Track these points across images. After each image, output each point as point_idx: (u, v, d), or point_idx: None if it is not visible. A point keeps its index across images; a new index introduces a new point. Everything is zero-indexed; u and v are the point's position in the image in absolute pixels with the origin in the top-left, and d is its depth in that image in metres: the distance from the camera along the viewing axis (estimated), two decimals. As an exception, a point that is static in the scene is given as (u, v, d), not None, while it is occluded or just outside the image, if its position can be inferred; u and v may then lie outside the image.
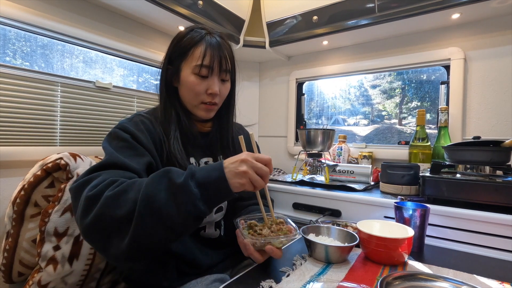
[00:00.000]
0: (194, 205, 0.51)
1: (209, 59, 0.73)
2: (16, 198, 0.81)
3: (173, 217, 0.50)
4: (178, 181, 0.52)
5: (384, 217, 0.99)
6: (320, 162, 1.46)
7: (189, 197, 0.51)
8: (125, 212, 0.50)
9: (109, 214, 0.50)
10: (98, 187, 0.53)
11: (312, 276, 0.58)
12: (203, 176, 0.53)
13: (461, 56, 1.28)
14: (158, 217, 0.50)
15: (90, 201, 0.52)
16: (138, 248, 0.51)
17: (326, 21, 1.42)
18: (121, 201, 0.51)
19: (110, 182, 0.54)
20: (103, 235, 0.52)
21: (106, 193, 0.52)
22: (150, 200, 0.50)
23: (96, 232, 0.52)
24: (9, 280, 0.84)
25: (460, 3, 1.11)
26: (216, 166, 0.55)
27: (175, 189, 0.51)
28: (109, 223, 0.51)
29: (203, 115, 0.79)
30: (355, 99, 1.76)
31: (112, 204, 0.51)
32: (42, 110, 1.04)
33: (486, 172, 0.97)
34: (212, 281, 0.71)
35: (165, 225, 0.50)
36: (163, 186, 0.52)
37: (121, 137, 0.66)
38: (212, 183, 0.53)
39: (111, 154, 0.62)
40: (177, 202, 0.51)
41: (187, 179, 0.52)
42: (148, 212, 0.50)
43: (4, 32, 0.98)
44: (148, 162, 0.66)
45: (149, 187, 0.51)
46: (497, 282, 0.57)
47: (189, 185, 0.51)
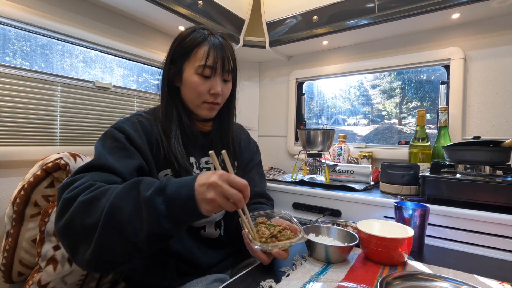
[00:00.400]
0: (158, 222, 0.47)
1: (212, 59, 0.73)
2: (16, 198, 0.81)
3: (136, 232, 0.48)
4: (145, 194, 0.49)
5: (384, 217, 0.99)
6: (320, 162, 1.46)
7: (153, 213, 0.47)
8: (93, 221, 0.49)
9: (79, 221, 0.50)
10: (75, 190, 0.52)
11: (312, 276, 0.58)
12: (173, 192, 0.49)
13: (461, 56, 1.28)
14: (120, 231, 0.48)
15: (66, 204, 0.51)
16: (101, 260, 0.49)
17: (326, 21, 1.42)
18: (92, 209, 0.50)
19: (88, 185, 0.53)
20: (72, 240, 0.51)
21: (80, 197, 0.51)
22: (115, 212, 0.48)
23: (66, 236, 0.51)
24: (9, 280, 0.84)
25: (460, 3, 1.11)
26: (188, 182, 0.51)
27: (141, 203, 0.48)
28: (78, 230, 0.50)
29: (205, 115, 0.79)
30: (355, 99, 1.76)
31: (83, 211, 0.50)
32: (42, 110, 1.04)
33: (486, 172, 0.97)
34: (212, 281, 0.71)
35: (127, 239, 0.48)
36: (131, 197, 0.49)
37: (114, 137, 0.67)
38: (181, 201, 0.49)
39: (99, 155, 0.62)
40: (141, 218, 0.48)
41: (155, 193, 0.49)
42: (111, 224, 0.48)
43: (4, 32, 0.98)
44: (139, 165, 0.66)
45: (117, 198, 0.49)
46: (497, 282, 0.57)
47: (155, 201, 0.48)
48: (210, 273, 0.76)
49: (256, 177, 0.93)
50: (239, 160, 0.91)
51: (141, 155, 0.68)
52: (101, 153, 0.63)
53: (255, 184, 0.90)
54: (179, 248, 0.73)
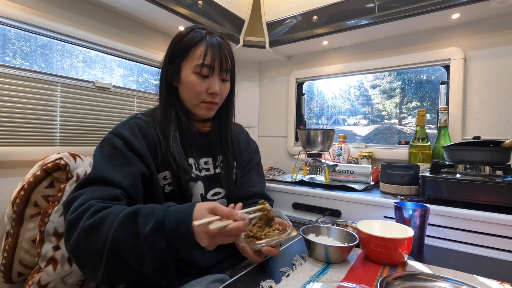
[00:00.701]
0: (159, 257, 0.50)
1: (210, 58, 0.73)
2: (16, 198, 0.81)
3: (140, 265, 0.51)
4: (143, 231, 0.50)
5: (384, 217, 0.99)
6: (320, 162, 1.46)
7: (153, 250, 0.50)
8: (96, 249, 0.52)
9: (83, 247, 0.54)
10: (77, 210, 0.56)
11: (312, 276, 0.58)
12: (171, 229, 0.51)
13: (461, 56, 1.28)
14: (125, 264, 0.52)
15: (70, 225, 0.55)
16: (111, 280, 0.54)
17: (326, 21, 1.42)
18: (94, 236, 0.53)
19: (87, 206, 0.56)
20: (80, 261, 0.55)
21: (82, 222, 0.54)
22: (116, 247, 0.51)
23: (75, 257, 0.56)
24: (8, 280, 0.84)
25: (460, 3, 1.11)
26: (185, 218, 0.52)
27: (140, 239, 0.50)
28: (83, 254, 0.54)
29: (204, 114, 0.79)
30: (355, 99, 1.76)
31: (86, 239, 0.53)
32: (42, 110, 1.04)
33: (486, 172, 0.97)
34: (212, 281, 0.71)
35: (131, 271, 0.53)
36: (130, 232, 0.51)
37: (112, 144, 0.67)
38: (179, 236, 0.51)
39: (97, 167, 0.64)
40: (142, 253, 0.50)
41: (153, 230, 0.50)
42: (115, 258, 0.51)
43: (4, 32, 0.98)
44: (138, 172, 0.66)
45: (117, 231, 0.51)
46: (497, 282, 0.57)
47: (154, 239, 0.50)
48: (210, 273, 0.76)
49: (255, 177, 0.93)
50: (238, 160, 0.90)
51: (141, 160, 0.68)
52: (99, 164, 0.64)
53: (254, 184, 0.90)
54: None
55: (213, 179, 0.82)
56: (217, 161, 0.85)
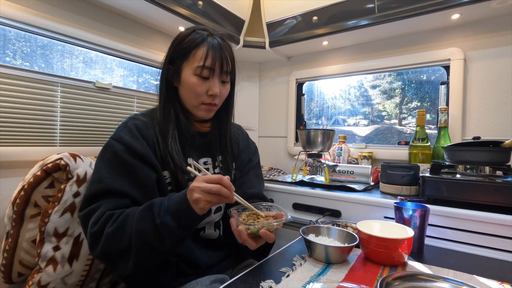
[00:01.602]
0: (173, 235, 0.61)
1: (210, 60, 0.73)
2: (16, 199, 0.81)
3: (161, 245, 0.61)
4: (158, 220, 0.60)
5: (384, 217, 0.99)
6: (320, 163, 1.46)
7: (168, 231, 0.60)
8: (125, 245, 0.61)
9: (113, 248, 0.61)
10: (98, 223, 0.63)
11: (312, 276, 0.58)
12: (175, 209, 0.61)
13: (460, 57, 1.28)
14: (150, 247, 0.61)
15: (94, 237, 0.62)
16: (142, 267, 0.63)
17: (326, 22, 1.42)
18: (120, 236, 0.61)
19: (108, 217, 0.63)
20: (111, 261, 0.64)
21: (106, 230, 0.62)
22: (140, 236, 0.60)
23: (106, 261, 0.65)
24: (9, 281, 0.84)
25: (460, 3, 1.11)
26: (183, 198, 0.61)
27: (157, 226, 0.60)
28: (113, 254, 0.62)
29: (203, 115, 0.79)
30: (355, 99, 1.76)
31: (113, 240, 0.61)
32: (42, 111, 1.04)
33: (486, 172, 0.97)
34: (212, 282, 0.71)
35: (157, 252, 0.61)
36: (149, 222, 0.61)
37: (115, 152, 0.68)
38: (183, 213, 0.61)
39: (102, 179, 0.66)
40: (161, 236, 0.60)
41: (164, 215, 0.61)
42: (141, 245, 0.60)
43: (4, 33, 0.98)
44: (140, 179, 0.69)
45: (139, 224, 0.61)
46: (497, 283, 0.57)
47: (166, 222, 0.60)
48: (210, 273, 0.76)
49: (253, 178, 0.93)
50: (237, 161, 0.90)
51: (146, 163, 0.70)
52: (104, 176, 0.67)
53: (252, 185, 0.90)
54: (179, 249, 0.73)
55: None
56: (217, 161, 0.85)
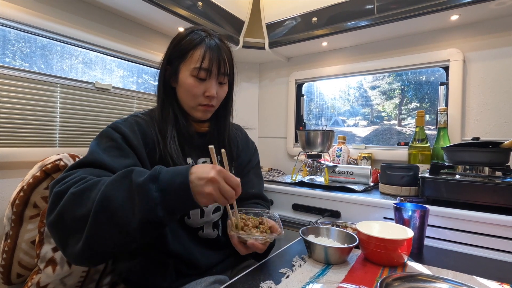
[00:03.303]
0: (151, 210, 0.47)
1: (208, 62, 0.73)
2: (15, 199, 0.81)
3: (129, 220, 0.47)
4: (138, 180, 0.48)
5: (384, 218, 0.99)
6: (320, 163, 1.46)
7: (147, 200, 0.47)
8: (84, 212, 0.48)
9: (70, 213, 0.49)
10: (67, 183, 0.52)
11: (312, 277, 0.58)
12: (166, 180, 0.49)
13: (460, 58, 1.29)
14: (112, 219, 0.47)
15: (56, 197, 0.51)
16: (92, 250, 0.49)
17: (325, 23, 1.42)
18: (83, 200, 0.49)
19: (80, 178, 0.53)
20: (62, 233, 0.51)
21: (71, 189, 0.50)
22: (107, 200, 0.48)
23: (57, 229, 0.51)
24: (7, 282, 0.84)
25: (459, 4, 1.11)
26: (182, 171, 0.51)
27: (133, 190, 0.48)
28: (68, 221, 0.49)
29: (200, 116, 0.79)
30: (355, 100, 1.76)
31: (74, 203, 0.49)
32: (41, 111, 1.04)
33: (485, 173, 0.97)
34: (211, 282, 0.71)
35: (119, 228, 0.48)
36: (124, 186, 0.49)
37: (110, 137, 0.67)
38: (174, 190, 0.49)
39: (92, 153, 0.62)
40: (134, 205, 0.48)
41: (148, 180, 0.48)
42: (103, 212, 0.47)
43: (4, 33, 0.98)
44: (133, 165, 0.65)
45: (109, 186, 0.49)
46: (497, 283, 0.57)
47: (148, 188, 0.48)
48: (210, 274, 0.76)
49: (253, 178, 0.93)
50: (237, 162, 0.90)
51: (137, 156, 0.68)
52: (94, 151, 0.63)
53: (252, 186, 0.90)
54: (178, 249, 0.73)
55: None
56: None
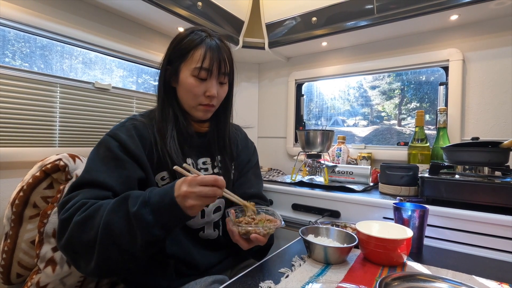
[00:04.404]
0: (148, 232, 0.53)
1: (208, 62, 0.73)
2: (15, 199, 0.81)
3: (131, 244, 0.54)
4: (132, 210, 0.54)
5: (383, 218, 0.99)
6: (319, 163, 1.46)
7: (143, 225, 0.53)
8: (90, 238, 0.54)
9: (77, 239, 0.55)
10: (70, 210, 0.57)
11: (311, 277, 0.58)
12: (156, 202, 0.55)
13: (459, 57, 1.29)
14: (117, 245, 0.54)
15: (63, 224, 0.57)
16: (105, 269, 0.55)
17: (325, 22, 1.42)
18: (87, 227, 0.55)
19: (81, 205, 0.58)
20: (73, 256, 0.57)
21: (75, 217, 0.56)
22: (109, 229, 0.53)
23: (68, 253, 0.58)
24: (7, 282, 0.84)
25: (458, 4, 1.11)
26: (168, 191, 0.56)
27: (130, 218, 0.54)
28: (77, 247, 0.56)
29: (200, 116, 0.79)
30: (354, 100, 1.77)
31: (79, 230, 0.55)
32: (41, 111, 1.04)
33: (484, 173, 0.97)
34: (211, 282, 0.71)
35: (124, 251, 0.54)
36: (121, 214, 0.55)
37: (108, 146, 0.68)
38: (166, 209, 0.55)
39: (89, 170, 0.65)
40: (133, 231, 0.53)
41: (141, 206, 0.54)
42: (107, 240, 0.53)
43: (4, 33, 0.98)
44: (133, 175, 0.67)
45: (109, 215, 0.54)
46: (496, 283, 0.57)
47: (142, 213, 0.53)
48: (209, 274, 0.76)
49: (252, 178, 0.93)
50: (236, 162, 0.91)
51: (137, 162, 0.69)
52: (92, 167, 0.65)
53: (251, 186, 0.90)
54: (178, 250, 0.73)
55: None
56: (216, 161, 0.85)
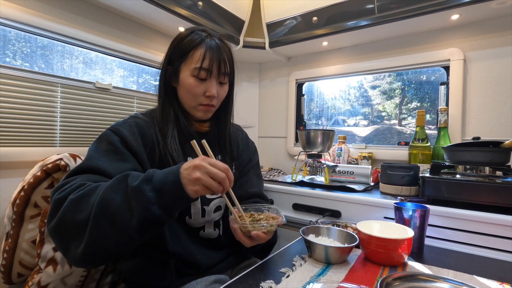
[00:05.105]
0: (147, 209, 0.50)
1: (208, 62, 0.73)
2: (16, 199, 0.81)
3: (127, 221, 0.50)
4: (133, 184, 0.51)
5: (384, 218, 0.99)
6: (320, 163, 1.46)
7: (142, 201, 0.50)
8: (84, 217, 0.51)
9: (70, 218, 0.51)
10: (66, 190, 0.54)
11: (312, 277, 0.58)
12: (160, 180, 0.52)
13: (460, 57, 1.28)
14: (112, 222, 0.50)
15: (56, 204, 0.54)
16: (93, 253, 0.51)
17: (325, 22, 1.42)
18: (82, 206, 0.51)
19: (78, 185, 0.55)
20: (63, 238, 0.53)
21: (70, 196, 0.53)
22: (105, 204, 0.50)
23: (58, 235, 0.53)
24: (8, 281, 0.84)
25: (459, 4, 1.11)
26: (173, 170, 0.54)
27: (129, 193, 0.51)
28: (69, 227, 0.52)
29: (200, 116, 0.79)
30: (355, 99, 1.76)
31: (73, 208, 0.52)
32: (42, 111, 1.04)
33: (485, 172, 0.97)
34: (212, 282, 0.71)
35: (119, 229, 0.50)
36: (120, 190, 0.52)
37: (109, 140, 0.67)
38: (168, 187, 0.51)
39: (90, 158, 0.63)
40: (131, 206, 0.50)
41: (142, 182, 0.51)
42: (102, 216, 0.50)
43: (4, 33, 0.98)
44: (131, 169, 0.65)
45: (107, 191, 0.51)
46: (497, 283, 0.57)
47: (143, 189, 0.50)
48: (210, 273, 0.76)
49: (253, 177, 0.93)
50: (237, 162, 0.91)
51: (136, 158, 0.68)
52: (92, 156, 0.64)
53: (252, 185, 0.91)
54: (178, 249, 0.73)
55: None
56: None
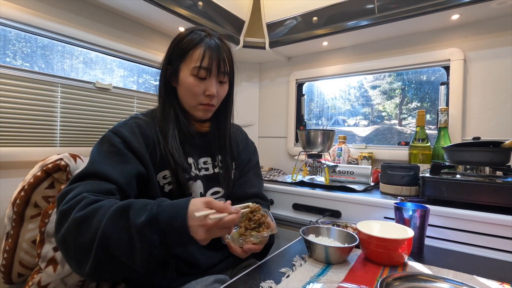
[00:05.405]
0: (151, 252, 0.49)
1: (207, 61, 0.73)
2: (16, 199, 0.81)
3: (129, 260, 0.50)
4: (136, 222, 0.49)
5: (384, 218, 0.99)
6: (320, 163, 1.46)
7: (146, 244, 0.49)
8: (85, 240, 0.51)
9: (72, 239, 0.53)
10: (70, 202, 0.55)
11: (312, 277, 0.58)
12: (165, 223, 0.50)
13: (460, 57, 1.28)
14: (114, 259, 0.50)
15: (62, 216, 0.54)
16: (98, 275, 0.52)
17: (326, 22, 1.42)
18: (83, 228, 0.52)
19: (81, 198, 0.55)
20: (68, 254, 0.54)
21: (74, 213, 0.53)
22: (107, 242, 0.49)
23: (63, 249, 0.55)
24: (8, 281, 0.84)
25: (459, 4, 1.11)
26: (180, 213, 0.51)
27: (132, 232, 0.49)
28: (71, 247, 0.53)
29: (200, 116, 0.79)
30: (355, 99, 1.76)
31: (75, 230, 0.52)
32: (42, 111, 1.04)
33: (486, 172, 0.97)
34: (212, 282, 0.71)
35: (122, 264, 0.51)
36: (121, 227, 0.50)
37: (111, 142, 0.67)
38: (174, 232, 0.50)
39: (93, 162, 0.63)
40: (134, 246, 0.49)
41: (147, 224, 0.49)
42: (105, 253, 0.50)
43: (5, 33, 0.99)
44: (134, 170, 0.66)
45: (108, 226, 0.50)
46: (497, 283, 0.57)
47: (147, 232, 0.49)
48: (210, 273, 0.76)
49: (253, 178, 0.94)
50: (237, 161, 0.91)
51: (139, 159, 0.68)
52: (95, 160, 0.64)
53: (252, 185, 0.91)
54: (178, 249, 0.73)
55: (212, 179, 0.83)
56: (216, 161, 0.85)
